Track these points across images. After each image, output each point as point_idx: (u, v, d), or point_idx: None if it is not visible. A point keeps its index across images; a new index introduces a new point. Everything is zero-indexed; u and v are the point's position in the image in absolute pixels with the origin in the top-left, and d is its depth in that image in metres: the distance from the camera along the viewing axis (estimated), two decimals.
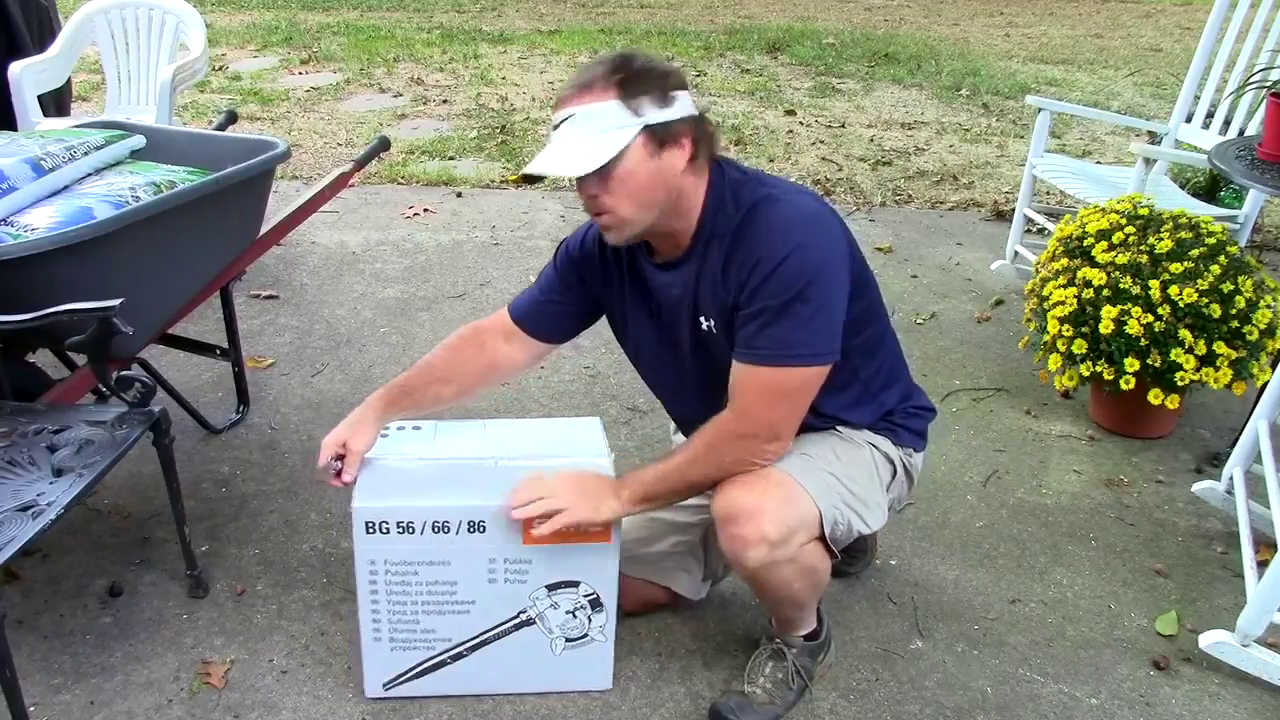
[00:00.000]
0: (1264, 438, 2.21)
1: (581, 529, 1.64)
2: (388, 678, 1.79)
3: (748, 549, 1.58)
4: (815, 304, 1.52)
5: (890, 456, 1.77)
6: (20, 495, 1.62)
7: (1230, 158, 2.44)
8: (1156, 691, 1.89)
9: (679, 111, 1.54)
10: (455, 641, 1.76)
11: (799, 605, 1.77)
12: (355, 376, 2.94)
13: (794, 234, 1.52)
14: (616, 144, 1.49)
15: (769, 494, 1.58)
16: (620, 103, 1.50)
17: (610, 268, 1.77)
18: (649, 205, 1.55)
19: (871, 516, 1.73)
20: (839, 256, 1.56)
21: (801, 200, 1.58)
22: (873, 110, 6.11)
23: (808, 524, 1.61)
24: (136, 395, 1.88)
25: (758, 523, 1.56)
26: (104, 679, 1.85)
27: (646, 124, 1.50)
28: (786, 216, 1.54)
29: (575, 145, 1.51)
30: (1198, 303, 2.43)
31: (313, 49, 7.28)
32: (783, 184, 1.62)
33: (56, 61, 3.54)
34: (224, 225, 2.32)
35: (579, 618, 1.76)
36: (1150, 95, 6.56)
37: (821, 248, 1.53)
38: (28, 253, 1.79)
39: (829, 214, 1.59)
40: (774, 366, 1.54)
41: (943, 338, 3.27)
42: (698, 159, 1.57)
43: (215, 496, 2.38)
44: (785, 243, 1.52)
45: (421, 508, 1.65)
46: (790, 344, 1.53)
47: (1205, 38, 3.42)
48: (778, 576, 1.64)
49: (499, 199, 4.42)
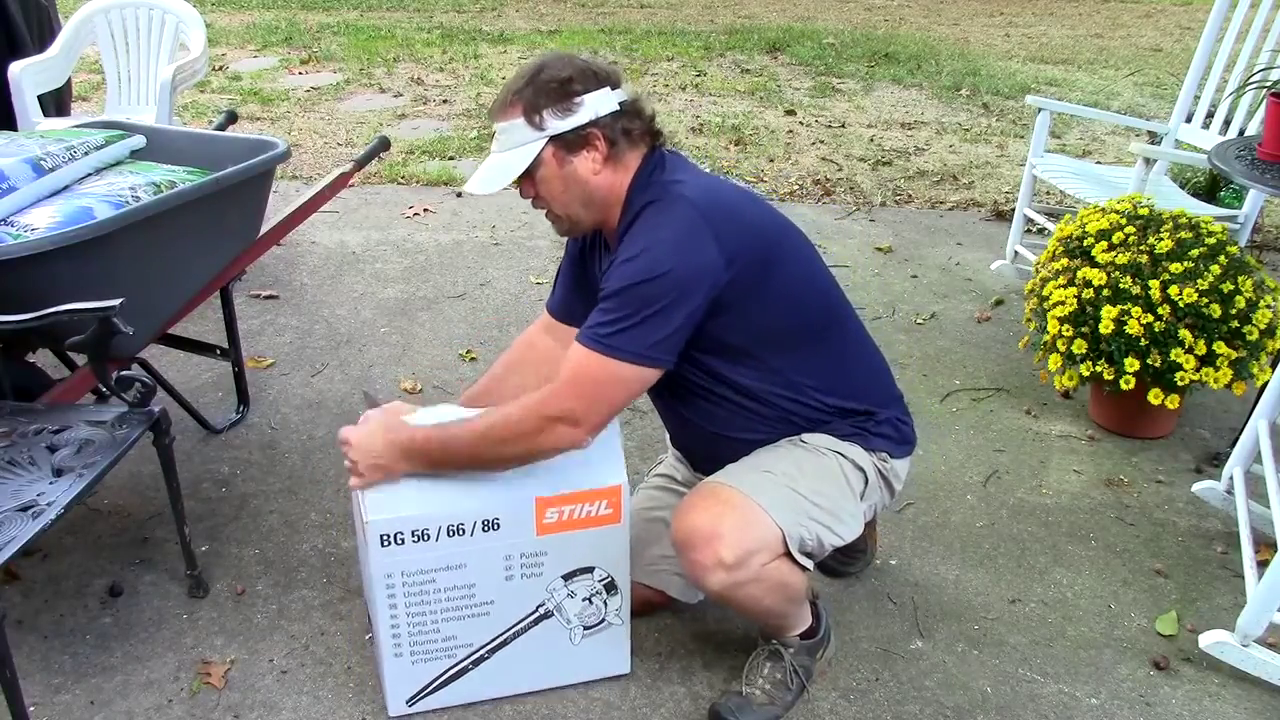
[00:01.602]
0: (1264, 438, 2.21)
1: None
2: (411, 693, 1.77)
3: (706, 574, 1.58)
4: (646, 305, 1.53)
5: (860, 463, 1.74)
6: (20, 495, 1.62)
7: (1230, 158, 2.44)
8: (1156, 691, 1.89)
9: (586, 116, 1.60)
10: (476, 645, 1.76)
11: (778, 615, 1.76)
12: (355, 376, 2.94)
13: (654, 234, 1.56)
14: (525, 158, 1.61)
15: (724, 517, 1.58)
16: (524, 120, 1.60)
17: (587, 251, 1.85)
18: (577, 200, 1.65)
19: (843, 528, 1.71)
20: (693, 267, 1.54)
21: (679, 209, 1.58)
22: (873, 110, 6.11)
23: (768, 544, 1.60)
24: (136, 395, 1.88)
25: (715, 548, 1.56)
26: (104, 679, 1.85)
27: (550, 135, 1.60)
28: (655, 222, 1.58)
29: (496, 161, 1.64)
30: (1198, 303, 2.43)
31: (313, 49, 7.29)
32: (694, 181, 1.63)
33: (56, 61, 3.54)
34: (224, 225, 2.32)
35: (595, 604, 1.77)
36: (1150, 95, 6.56)
37: (672, 256, 1.53)
38: (28, 253, 1.79)
39: (701, 224, 1.55)
40: (587, 349, 1.56)
41: (943, 338, 3.27)
42: (616, 155, 1.63)
43: (215, 496, 2.38)
44: (639, 243, 1.56)
45: (435, 514, 1.64)
46: (605, 334, 1.55)
47: (1205, 38, 3.42)
48: (745, 595, 1.63)
49: (499, 199, 4.41)
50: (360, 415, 1.75)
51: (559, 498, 1.67)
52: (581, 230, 1.72)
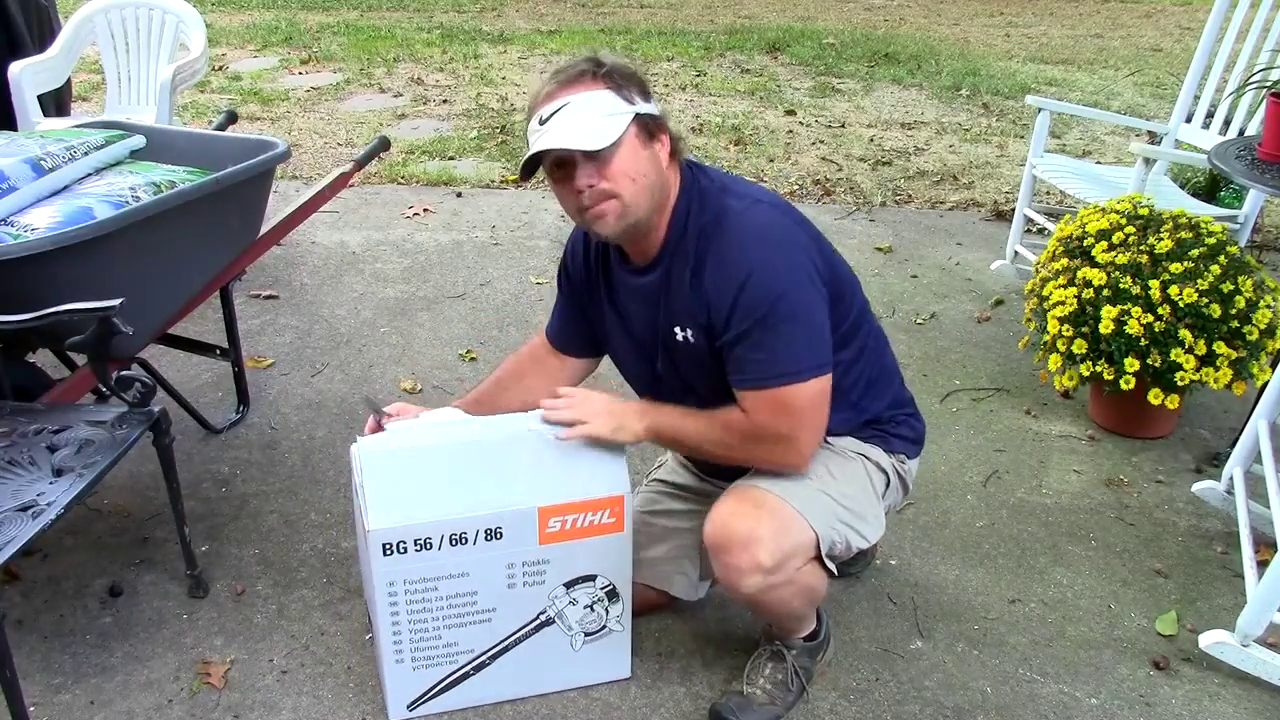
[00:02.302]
0: (1264, 438, 2.21)
1: (600, 441, 1.66)
2: (411, 698, 1.77)
3: (742, 578, 1.58)
4: (788, 321, 1.52)
5: (882, 465, 1.76)
6: (20, 495, 1.62)
7: (1230, 158, 2.44)
8: (1156, 691, 1.89)
9: (657, 109, 1.58)
10: (478, 652, 1.75)
11: (798, 618, 1.78)
12: (355, 376, 2.94)
13: (751, 253, 1.53)
14: (618, 126, 1.50)
15: (763, 522, 1.57)
16: (612, 92, 1.52)
17: (594, 275, 1.78)
18: (646, 190, 1.55)
19: (869, 530, 1.73)
20: (800, 268, 1.55)
21: (759, 214, 1.58)
22: (873, 110, 6.11)
23: (803, 549, 1.61)
24: (136, 395, 1.88)
25: (752, 552, 1.55)
26: (104, 679, 1.85)
27: (637, 112, 1.53)
28: (743, 233, 1.55)
29: (578, 128, 1.50)
30: (1198, 303, 2.43)
31: (313, 49, 7.28)
32: (746, 194, 1.62)
33: (56, 61, 3.54)
34: (224, 225, 2.32)
35: (597, 611, 1.76)
36: (1150, 95, 6.56)
37: (780, 264, 1.53)
38: (28, 253, 1.79)
39: (789, 226, 1.58)
40: (765, 389, 1.55)
41: (943, 338, 3.27)
42: (675, 157, 1.61)
43: (215, 496, 2.38)
44: (744, 263, 1.52)
45: (438, 522, 1.62)
46: (775, 365, 1.53)
47: (1205, 38, 3.42)
48: (775, 598, 1.64)
49: (499, 199, 4.42)
50: (366, 421, 1.75)
51: (562, 507, 1.66)
52: (630, 227, 1.57)
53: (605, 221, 1.55)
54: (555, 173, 1.57)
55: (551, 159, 1.55)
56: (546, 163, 1.57)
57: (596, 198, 1.53)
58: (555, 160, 1.54)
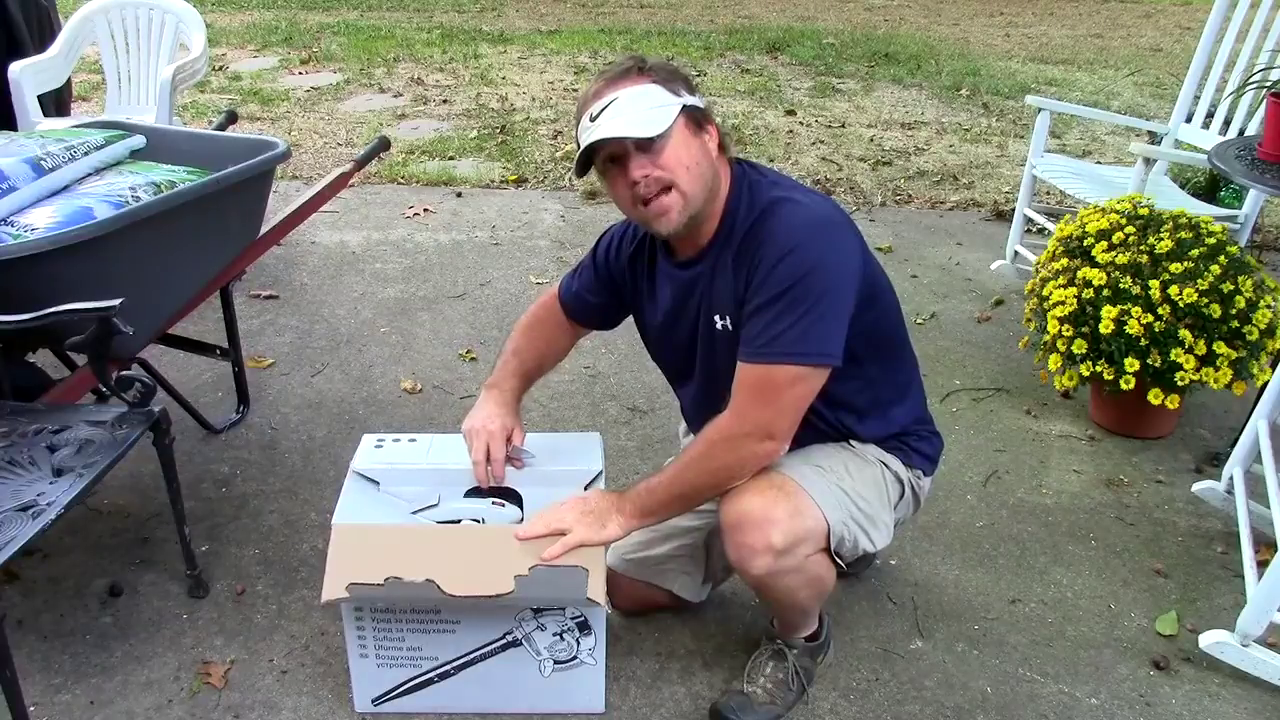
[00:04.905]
0: (1264, 438, 2.21)
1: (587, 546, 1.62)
2: (376, 693, 1.78)
3: (754, 557, 1.58)
4: (807, 303, 1.51)
5: (900, 476, 1.77)
6: (20, 495, 1.62)
7: (1230, 158, 2.44)
8: (1156, 691, 1.89)
9: (702, 103, 1.60)
10: (442, 660, 1.75)
11: (803, 611, 1.78)
12: (355, 376, 2.94)
13: (798, 233, 1.53)
14: (667, 116, 1.53)
15: (779, 504, 1.58)
16: (659, 86, 1.55)
17: (640, 271, 1.79)
18: (700, 179, 1.56)
19: (877, 535, 1.72)
20: (843, 261, 1.55)
21: (814, 203, 1.59)
22: (873, 110, 6.11)
23: (815, 536, 1.61)
24: (136, 395, 1.88)
25: (765, 532, 1.56)
26: (104, 679, 1.85)
27: (684, 104, 1.56)
28: (794, 217, 1.55)
29: (629, 119, 1.52)
30: (1198, 303, 2.43)
31: (313, 49, 7.29)
32: (800, 188, 1.64)
33: (56, 61, 3.54)
34: (224, 225, 2.32)
35: (566, 640, 1.73)
36: (1150, 95, 6.56)
37: (823, 249, 1.53)
38: (28, 253, 1.79)
39: (842, 221, 1.59)
40: (763, 363, 1.54)
41: (943, 338, 3.27)
42: (723, 152, 1.62)
43: (215, 496, 2.38)
44: (787, 241, 1.53)
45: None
46: (778, 340, 1.52)
47: (1205, 38, 3.42)
48: (783, 584, 1.64)
49: (499, 199, 4.41)
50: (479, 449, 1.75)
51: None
52: (687, 219, 1.57)
53: (669, 218, 1.56)
54: (609, 169, 1.58)
55: (605, 154, 1.56)
56: (599, 159, 1.58)
57: (652, 187, 1.53)
58: (608, 155, 1.55)
